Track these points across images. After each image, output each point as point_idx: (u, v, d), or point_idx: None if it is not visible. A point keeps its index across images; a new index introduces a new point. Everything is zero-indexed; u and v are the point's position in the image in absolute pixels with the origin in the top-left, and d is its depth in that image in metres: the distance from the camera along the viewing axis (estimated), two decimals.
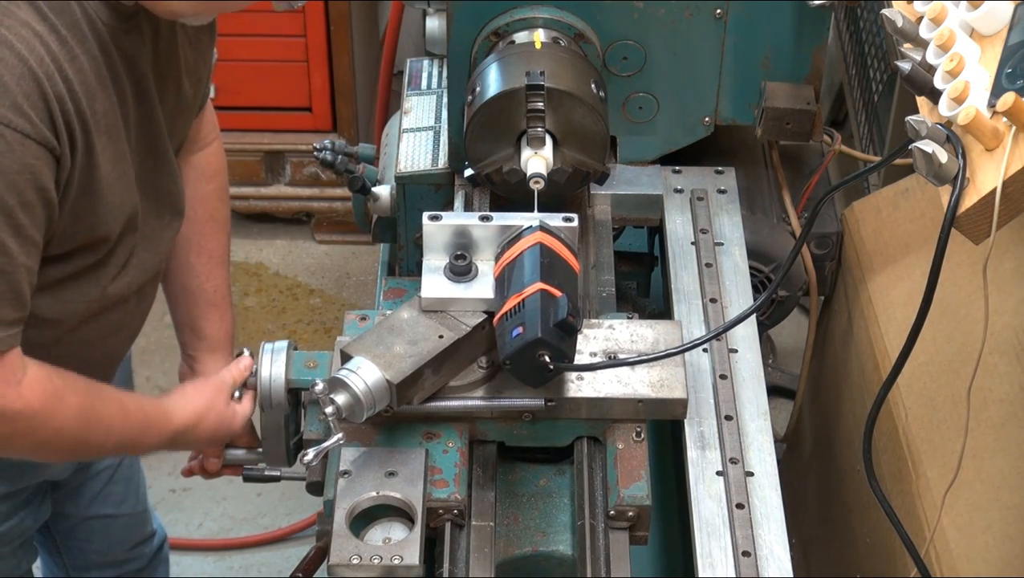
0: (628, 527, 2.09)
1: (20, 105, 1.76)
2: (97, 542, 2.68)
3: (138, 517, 2.73)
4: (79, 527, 2.63)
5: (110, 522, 2.67)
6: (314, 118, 4.10)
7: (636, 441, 2.13)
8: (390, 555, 1.96)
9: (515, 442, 2.19)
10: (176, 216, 2.24)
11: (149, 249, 2.17)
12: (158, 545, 2.83)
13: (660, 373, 2.16)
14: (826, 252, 2.74)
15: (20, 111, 1.76)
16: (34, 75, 1.78)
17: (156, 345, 3.97)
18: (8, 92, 1.75)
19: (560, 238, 2.15)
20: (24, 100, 1.77)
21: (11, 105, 1.75)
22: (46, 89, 1.80)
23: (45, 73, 1.80)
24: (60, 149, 1.84)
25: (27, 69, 1.77)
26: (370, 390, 2.02)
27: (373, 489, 2.04)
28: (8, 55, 1.76)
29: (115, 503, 2.65)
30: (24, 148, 1.78)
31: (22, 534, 2.36)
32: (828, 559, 2.81)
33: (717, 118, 2.64)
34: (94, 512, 2.63)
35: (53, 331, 2.07)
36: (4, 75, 1.75)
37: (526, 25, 2.48)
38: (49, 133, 1.81)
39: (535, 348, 2.00)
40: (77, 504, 2.58)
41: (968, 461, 2.07)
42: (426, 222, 2.18)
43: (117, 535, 2.70)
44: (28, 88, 1.77)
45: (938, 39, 1.86)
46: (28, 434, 1.99)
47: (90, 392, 2.06)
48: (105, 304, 2.13)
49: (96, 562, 2.72)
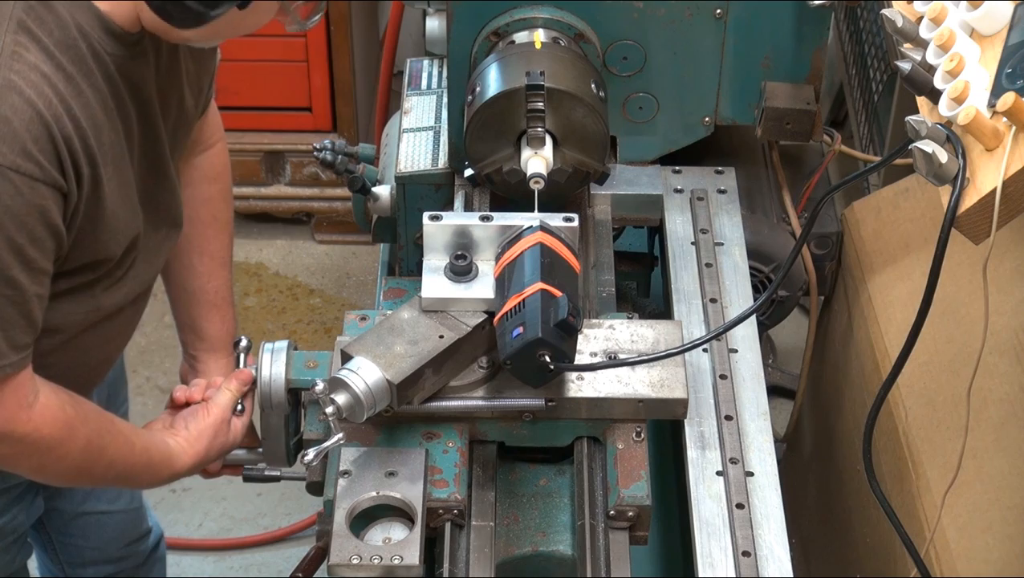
0: (628, 527, 2.09)
1: (29, 150, 1.82)
2: (92, 539, 2.68)
3: (133, 514, 2.74)
4: (73, 523, 2.64)
5: (104, 519, 2.67)
6: (314, 118, 4.10)
7: (636, 441, 2.13)
8: (390, 555, 1.96)
9: (515, 442, 2.19)
10: (174, 228, 2.25)
11: (146, 261, 2.18)
12: (154, 543, 2.83)
13: (660, 373, 2.15)
14: (826, 252, 2.74)
15: (29, 155, 1.82)
16: (43, 119, 1.83)
17: (156, 345, 3.97)
18: (18, 137, 1.81)
19: (560, 238, 2.15)
20: (33, 144, 1.82)
21: (20, 150, 1.81)
22: (54, 132, 1.84)
23: (53, 116, 1.84)
24: (68, 187, 1.89)
25: (36, 113, 1.82)
26: (370, 390, 2.02)
27: (373, 489, 2.04)
28: (18, 101, 1.81)
29: (109, 499, 2.66)
30: (33, 190, 1.83)
31: (15, 530, 2.36)
32: (828, 559, 2.81)
33: (717, 118, 2.64)
34: (88, 508, 2.63)
35: (51, 340, 2.08)
36: (13, 120, 1.80)
37: (526, 25, 2.47)
38: (57, 174, 1.86)
39: (535, 348, 2.00)
40: (70, 500, 2.59)
41: (968, 461, 2.07)
42: (426, 222, 2.18)
43: (112, 532, 2.71)
44: (37, 132, 1.83)
45: (938, 39, 1.86)
46: (33, 457, 2.03)
47: (100, 426, 2.09)
48: (102, 315, 2.14)
49: (91, 559, 2.72)
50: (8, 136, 1.80)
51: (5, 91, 1.81)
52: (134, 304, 2.23)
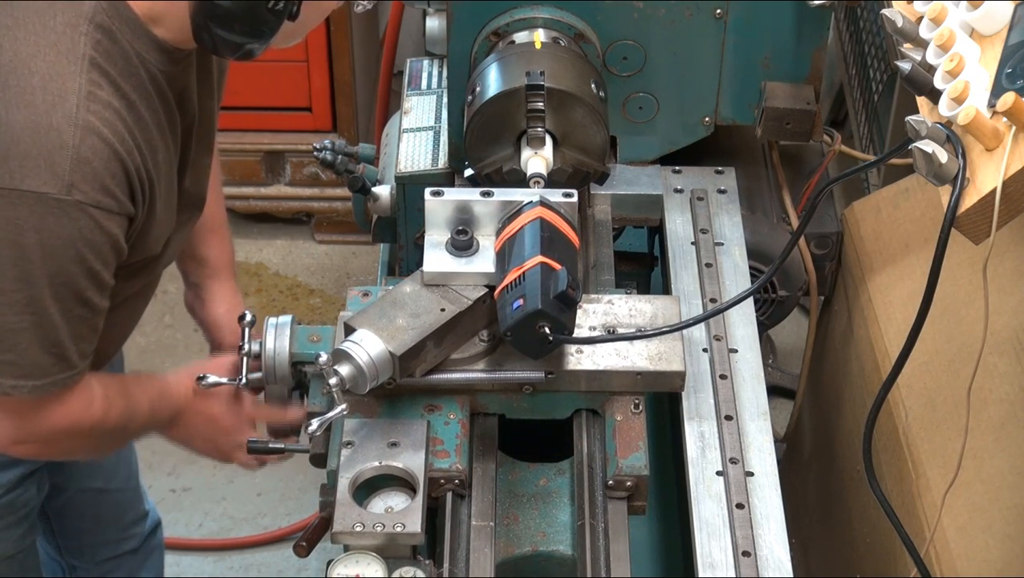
0: (626, 497, 2.12)
1: (108, 186, 1.95)
2: (89, 518, 2.72)
3: (130, 493, 2.79)
4: (72, 501, 2.68)
5: (102, 497, 2.72)
6: (314, 118, 4.10)
7: (634, 413, 2.16)
8: (392, 523, 2.00)
9: (515, 415, 2.22)
10: (196, 210, 2.32)
11: (171, 246, 2.25)
12: (151, 527, 2.87)
13: (658, 346, 2.18)
14: (826, 252, 2.74)
15: (108, 192, 1.95)
16: (119, 156, 1.96)
17: (156, 345, 3.98)
18: (98, 176, 1.94)
19: (560, 213, 2.17)
20: (111, 181, 1.95)
21: (100, 188, 1.94)
22: (128, 166, 1.98)
23: (126, 150, 1.97)
24: (136, 212, 2.03)
25: (113, 152, 1.95)
26: (373, 361, 2.05)
27: (376, 459, 2.07)
28: (97, 142, 1.93)
29: (106, 476, 2.70)
30: (110, 222, 1.97)
31: (26, 504, 2.41)
32: (828, 559, 2.81)
33: (717, 118, 2.64)
34: (86, 485, 2.68)
35: None
36: (94, 161, 1.93)
37: (526, 25, 2.48)
38: (129, 204, 2.00)
39: (535, 320, 2.03)
40: (69, 476, 2.62)
41: (968, 461, 2.07)
42: (428, 198, 2.21)
43: (109, 511, 2.75)
44: (114, 169, 1.96)
45: (938, 39, 1.86)
46: (91, 442, 2.22)
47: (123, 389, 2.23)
48: (122, 297, 2.21)
49: (90, 542, 2.77)
50: (90, 176, 1.93)
51: (85, 133, 1.92)
52: (152, 283, 2.33)
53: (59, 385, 2.05)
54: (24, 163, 1.90)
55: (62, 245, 1.94)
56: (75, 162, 1.91)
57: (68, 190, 1.91)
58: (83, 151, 1.92)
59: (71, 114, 1.92)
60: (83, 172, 1.92)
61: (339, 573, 1.97)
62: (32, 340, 1.99)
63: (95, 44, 1.95)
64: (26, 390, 2.02)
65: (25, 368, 2.01)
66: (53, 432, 2.12)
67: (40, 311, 1.97)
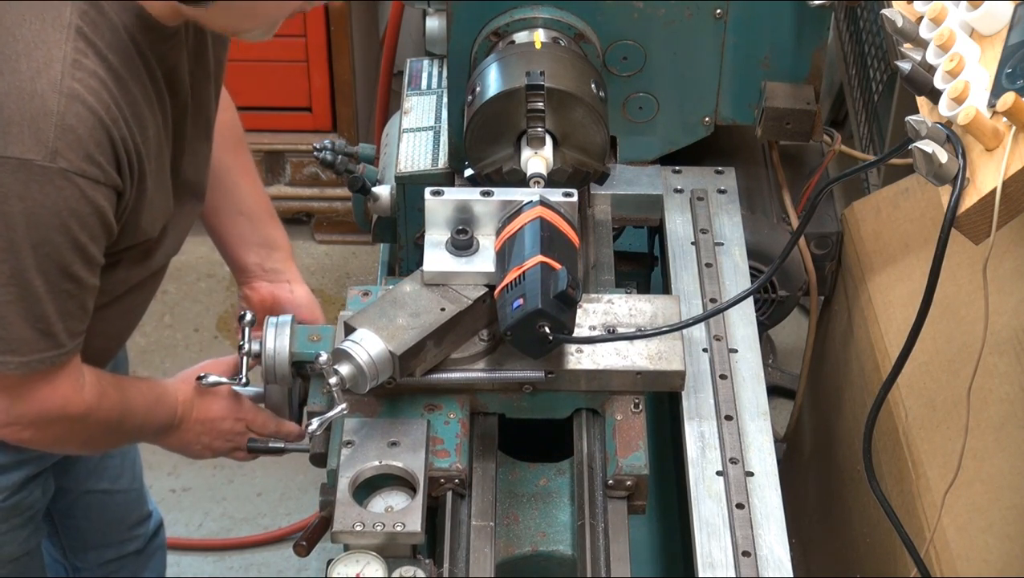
0: (626, 497, 2.12)
1: (92, 154, 1.92)
2: (94, 519, 2.72)
3: (134, 494, 2.79)
4: (76, 503, 2.67)
5: (107, 498, 2.71)
6: (314, 118, 4.10)
7: (634, 412, 2.16)
8: (392, 522, 2.00)
9: (515, 414, 2.22)
10: (197, 201, 2.31)
11: (173, 236, 2.25)
12: (155, 528, 2.87)
13: (658, 345, 2.18)
14: (826, 252, 2.74)
15: (93, 160, 1.92)
16: (104, 124, 1.93)
17: (156, 345, 3.98)
18: (83, 144, 1.91)
19: (560, 213, 2.18)
20: (96, 149, 1.92)
21: (85, 156, 1.91)
22: (114, 135, 1.95)
23: (112, 120, 1.94)
24: (123, 185, 2.00)
25: (98, 120, 1.92)
26: (373, 361, 2.05)
27: (376, 458, 2.07)
28: (81, 109, 1.90)
29: (112, 477, 2.70)
30: (96, 192, 1.94)
31: (31, 506, 2.41)
32: (828, 559, 2.81)
33: (717, 118, 2.64)
34: (91, 486, 2.67)
35: None
36: (79, 128, 1.90)
37: (526, 25, 2.48)
38: (115, 175, 1.97)
39: (535, 319, 2.03)
40: (75, 477, 2.62)
41: (968, 461, 2.07)
42: (428, 197, 2.21)
43: (113, 512, 2.75)
44: (99, 137, 1.93)
45: (938, 39, 1.86)
46: (82, 432, 2.19)
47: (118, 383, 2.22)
48: (125, 288, 2.22)
49: (94, 543, 2.76)
50: (75, 143, 1.90)
51: (70, 100, 1.89)
52: (154, 277, 2.31)
53: (47, 363, 2.02)
54: (8, 129, 1.88)
55: (47, 214, 1.90)
56: (59, 129, 1.88)
57: (52, 157, 1.88)
58: (68, 118, 1.89)
59: (56, 81, 1.89)
60: (67, 139, 1.89)
61: (339, 573, 1.98)
62: (17, 314, 1.96)
63: (81, 14, 1.93)
64: (12, 366, 2.00)
65: (11, 343, 1.98)
66: (42, 414, 2.09)
67: (24, 283, 1.94)
